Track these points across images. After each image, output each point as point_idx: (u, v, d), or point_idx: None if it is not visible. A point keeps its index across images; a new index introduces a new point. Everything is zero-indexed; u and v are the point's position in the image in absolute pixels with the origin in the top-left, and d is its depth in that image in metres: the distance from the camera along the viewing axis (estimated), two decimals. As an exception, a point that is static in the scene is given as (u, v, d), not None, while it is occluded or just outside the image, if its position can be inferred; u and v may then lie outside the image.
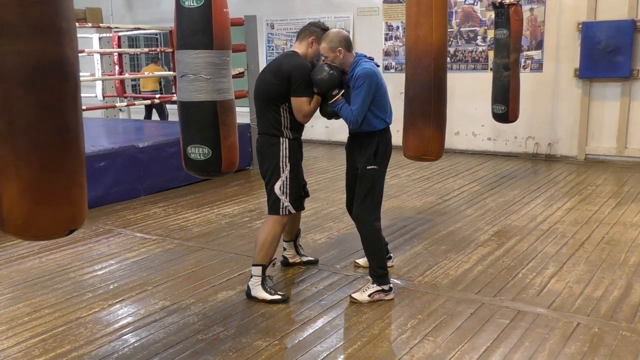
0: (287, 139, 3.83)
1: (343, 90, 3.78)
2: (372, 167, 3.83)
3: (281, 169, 3.83)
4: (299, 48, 3.90)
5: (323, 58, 3.79)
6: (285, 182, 3.85)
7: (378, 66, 3.90)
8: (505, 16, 7.13)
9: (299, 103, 3.76)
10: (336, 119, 3.92)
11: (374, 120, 3.81)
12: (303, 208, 4.08)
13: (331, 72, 3.70)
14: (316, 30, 3.89)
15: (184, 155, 3.48)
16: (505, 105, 7.31)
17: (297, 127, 3.89)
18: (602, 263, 4.50)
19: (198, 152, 3.39)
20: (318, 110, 3.89)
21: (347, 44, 3.76)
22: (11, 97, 2.26)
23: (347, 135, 4.02)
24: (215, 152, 3.38)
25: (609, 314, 3.65)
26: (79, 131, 2.47)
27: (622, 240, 5.00)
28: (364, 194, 3.86)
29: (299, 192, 3.96)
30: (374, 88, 3.73)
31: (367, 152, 3.84)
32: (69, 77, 2.38)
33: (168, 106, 11.43)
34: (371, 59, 3.90)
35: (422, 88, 4.62)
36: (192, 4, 3.24)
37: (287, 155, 3.83)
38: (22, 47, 2.23)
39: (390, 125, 3.96)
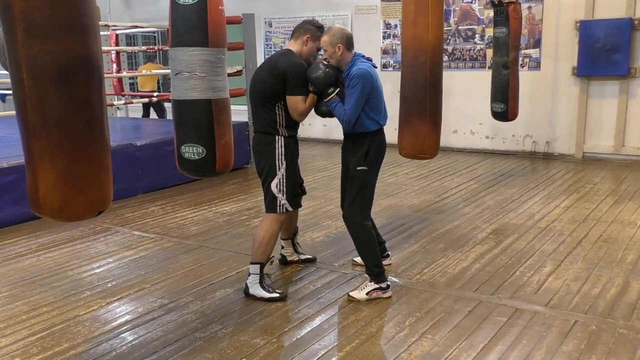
0: (282, 137, 3.84)
1: (338, 89, 3.78)
2: (362, 168, 3.83)
3: (277, 167, 3.84)
4: (294, 46, 3.90)
5: (320, 55, 3.79)
6: (281, 180, 3.85)
7: (375, 67, 3.89)
8: (504, 14, 7.14)
9: (294, 101, 3.76)
10: (331, 117, 3.92)
11: (366, 122, 3.80)
12: (300, 205, 4.09)
13: (327, 70, 3.71)
14: (311, 28, 3.89)
15: (177, 155, 3.46)
16: (505, 104, 7.32)
17: (293, 125, 3.89)
18: (599, 261, 4.51)
19: (192, 152, 3.36)
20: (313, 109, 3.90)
21: (348, 43, 3.76)
22: (44, 93, 2.44)
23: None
24: (210, 152, 3.35)
25: (607, 311, 3.66)
26: (104, 121, 2.66)
27: (619, 238, 5.01)
28: (353, 195, 3.86)
29: (295, 190, 3.96)
30: (368, 89, 3.72)
31: (358, 153, 3.84)
32: (95, 72, 2.55)
33: (165, 104, 11.41)
34: (369, 59, 3.90)
35: (418, 86, 4.62)
36: (187, 0, 3.22)
37: (283, 153, 3.84)
38: (53, 47, 2.40)
39: (388, 124, 3.96)
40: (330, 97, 3.75)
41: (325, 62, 3.75)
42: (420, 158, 4.91)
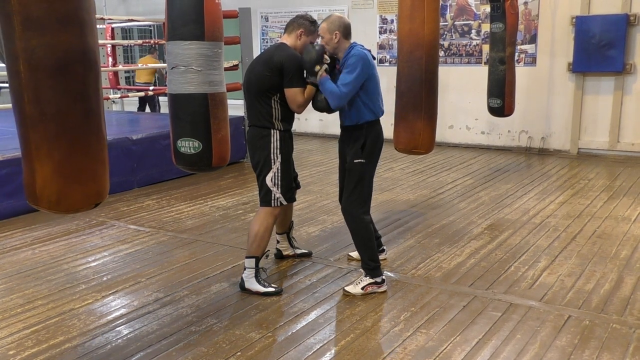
0: (278, 131, 3.84)
1: (326, 66, 3.76)
2: (360, 160, 3.83)
3: (272, 161, 3.84)
4: (288, 40, 3.90)
5: (317, 44, 3.81)
6: (276, 174, 3.86)
7: (374, 58, 3.91)
8: (501, 10, 7.15)
9: (293, 94, 3.77)
10: (328, 112, 3.92)
11: (364, 111, 3.80)
12: (294, 199, 4.10)
13: (316, 47, 3.73)
14: (304, 22, 3.89)
15: (173, 149, 3.44)
16: (501, 99, 7.34)
17: (288, 118, 3.90)
18: (593, 256, 4.53)
19: (188, 146, 3.35)
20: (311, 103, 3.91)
21: (346, 31, 3.78)
22: (41, 86, 2.45)
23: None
24: (206, 146, 3.34)
25: (600, 306, 3.68)
26: (101, 114, 2.67)
27: (613, 234, 5.03)
28: (352, 187, 3.87)
29: (290, 184, 3.97)
30: (366, 71, 3.73)
31: (355, 146, 3.84)
32: (92, 65, 2.56)
33: (160, 98, 11.39)
34: (368, 50, 3.92)
35: (414, 81, 4.63)
36: None
37: (278, 147, 3.84)
38: (50, 40, 2.41)
39: (385, 119, 3.96)
40: (319, 74, 3.72)
41: (314, 44, 3.77)
42: (416, 153, 4.91)
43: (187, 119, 3.35)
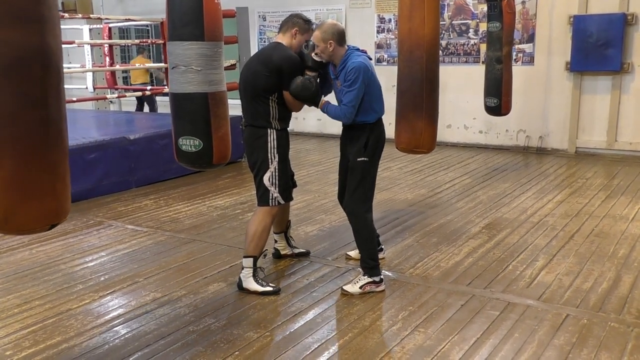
0: (275, 130, 3.84)
1: (322, 96, 3.84)
2: (363, 159, 3.84)
3: (270, 161, 3.84)
4: (283, 39, 3.89)
5: (312, 43, 3.79)
6: (274, 173, 3.85)
7: (370, 59, 3.91)
8: (498, 9, 7.15)
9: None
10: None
11: (368, 112, 3.82)
12: (292, 198, 4.10)
13: (305, 80, 3.74)
14: (299, 21, 3.90)
15: (175, 147, 3.47)
16: (498, 98, 7.35)
17: (285, 118, 3.91)
18: (591, 255, 4.53)
19: (189, 144, 3.38)
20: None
21: (340, 38, 3.75)
22: None
23: (341, 127, 4.03)
24: (207, 144, 3.36)
25: (598, 305, 3.68)
26: (63, 123, 2.39)
27: (611, 233, 5.03)
28: (354, 186, 3.88)
29: (287, 183, 3.98)
30: (366, 81, 3.74)
31: (357, 144, 3.85)
32: (52, 68, 2.30)
33: (158, 98, 11.38)
34: (364, 51, 3.91)
35: (414, 81, 4.62)
36: None
37: (276, 146, 3.84)
38: (3, 36, 2.16)
39: (383, 118, 3.97)
40: (320, 103, 3.83)
41: (301, 77, 3.78)
42: (417, 152, 4.91)
43: (187, 117, 3.38)
